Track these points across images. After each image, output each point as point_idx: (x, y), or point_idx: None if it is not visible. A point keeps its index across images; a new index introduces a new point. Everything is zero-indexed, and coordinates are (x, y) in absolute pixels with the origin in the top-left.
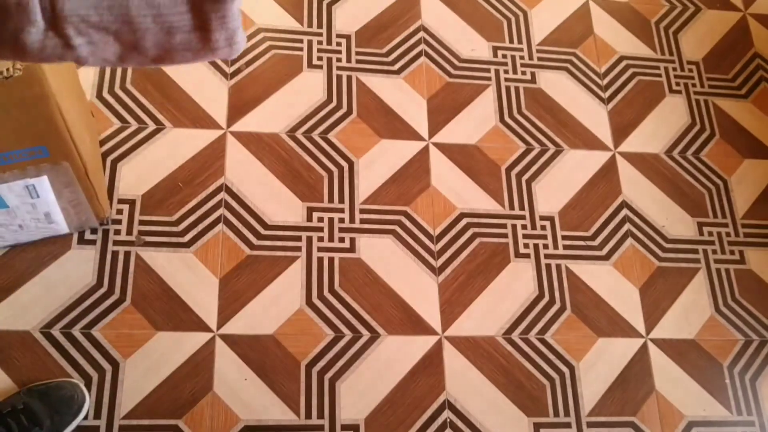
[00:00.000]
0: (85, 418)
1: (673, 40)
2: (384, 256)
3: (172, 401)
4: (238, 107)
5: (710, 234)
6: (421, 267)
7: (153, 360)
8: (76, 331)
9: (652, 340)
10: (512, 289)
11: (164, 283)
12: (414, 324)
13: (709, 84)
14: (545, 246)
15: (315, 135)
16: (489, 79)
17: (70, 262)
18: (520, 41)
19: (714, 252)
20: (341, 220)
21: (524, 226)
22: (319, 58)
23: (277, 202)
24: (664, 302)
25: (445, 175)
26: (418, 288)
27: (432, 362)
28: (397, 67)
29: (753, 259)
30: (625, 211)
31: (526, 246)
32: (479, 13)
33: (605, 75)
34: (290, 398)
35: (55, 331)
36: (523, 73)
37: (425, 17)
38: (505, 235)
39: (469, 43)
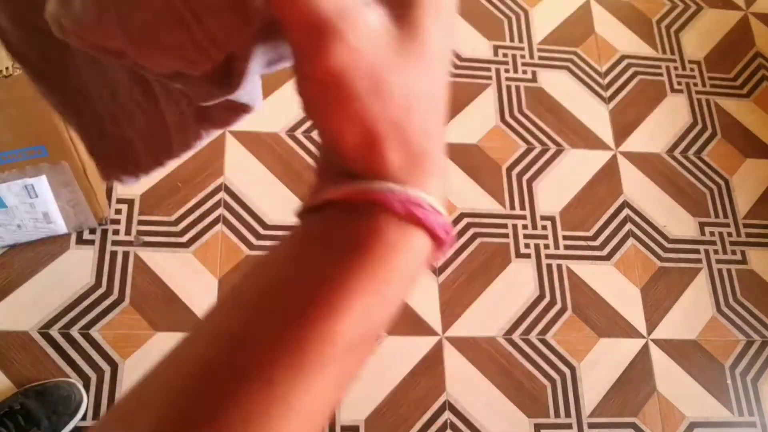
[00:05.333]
0: (84, 419)
1: (675, 39)
2: None
3: None
4: None
5: (712, 234)
6: None
7: (152, 360)
8: (74, 332)
9: (653, 340)
10: (513, 289)
11: (163, 284)
12: (414, 324)
13: (711, 83)
14: (546, 246)
15: (314, 134)
16: (489, 78)
17: (69, 263)
18: (520, 40)
19: (716, 252)
20: None
21: (525, 226)
22: None
23: (277, 202)
24: (665, 302)
25: None
26: (419, 288)
27: (432, 363)
28: None
29: (755, 259)
30: (626, 211)
31: (526, 246)
32: (480, 12)
33: (606, 74)
34: None
35: (54, 332)
36: (524, 72)
37: None
38: (506, 235)
39: (470, 42)
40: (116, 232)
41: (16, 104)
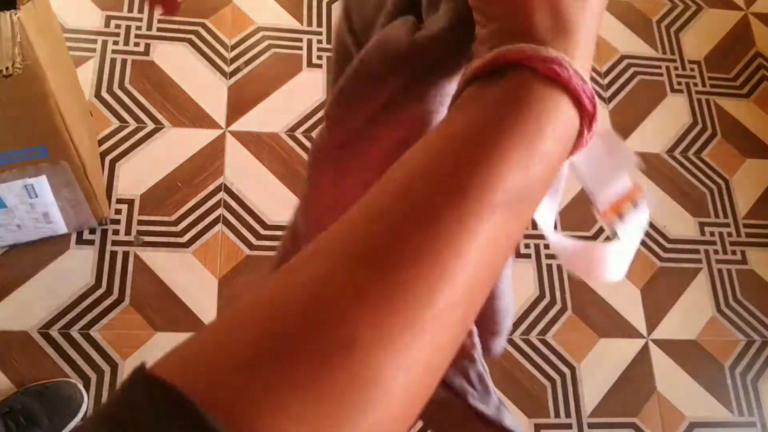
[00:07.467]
0: (84, 419)
1: (675, 39)
2: None
3: None
4: (238, 106)
5: (712, 234)
6: None
7: (152, 361)
8: (74, 332)
9: (653, 340)
10: (513, 289)
11: (163, 284)
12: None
13: (711, 83)
14: (546, 246)
15: (314, 134)
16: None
17: (69, 262)
18: None
19: (716, 252)
20: None
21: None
22: (319, 57)
23: (277, 202)
24: (665, 303)
25: None
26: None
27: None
28: None
29: (755, 259)
30: None
31: (527, 246)
32: None
33: (606, 74)
34: None
35: (54, 332)
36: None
37: None
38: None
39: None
40: (116, 232)
41: (16, 104)
